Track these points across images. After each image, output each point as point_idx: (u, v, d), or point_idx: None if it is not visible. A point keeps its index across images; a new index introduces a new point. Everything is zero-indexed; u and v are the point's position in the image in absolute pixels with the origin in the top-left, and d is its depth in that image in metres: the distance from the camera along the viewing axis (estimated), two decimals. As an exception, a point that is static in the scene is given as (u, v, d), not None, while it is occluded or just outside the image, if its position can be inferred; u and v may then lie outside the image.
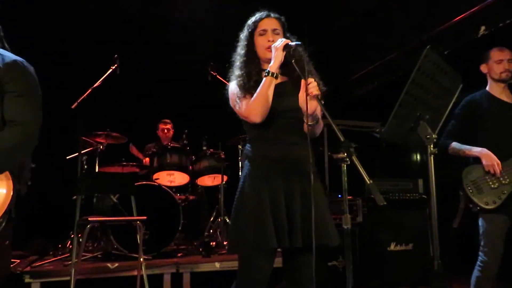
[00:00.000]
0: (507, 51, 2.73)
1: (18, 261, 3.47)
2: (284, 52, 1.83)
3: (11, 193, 1.59)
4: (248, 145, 1.95)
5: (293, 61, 1.85)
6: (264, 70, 1.89)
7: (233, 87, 1.92)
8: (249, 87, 1.85)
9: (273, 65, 1.82)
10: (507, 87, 2.77)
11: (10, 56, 1.73)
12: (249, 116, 1.81)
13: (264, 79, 1.81)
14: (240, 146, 4.44)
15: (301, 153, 1.85)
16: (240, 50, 1.96)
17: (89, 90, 3.83)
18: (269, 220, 1.73)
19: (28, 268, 3.10)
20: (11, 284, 2.87)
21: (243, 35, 1.97)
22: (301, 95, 1.80)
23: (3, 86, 1.67)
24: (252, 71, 1.90)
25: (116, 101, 4.88)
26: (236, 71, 1.93)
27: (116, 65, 4.05)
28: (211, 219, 4.51)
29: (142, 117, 5.10)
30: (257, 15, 1.96)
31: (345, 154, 1.62)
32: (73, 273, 2.73)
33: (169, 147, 4.28)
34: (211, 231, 4.33)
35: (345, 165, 1.70)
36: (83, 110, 3.75)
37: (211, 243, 3.93)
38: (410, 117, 1.94)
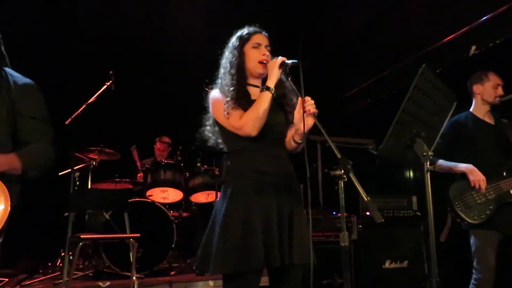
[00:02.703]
0: (499, 77, 2.87)
1: (7, 279, 3.39)
2: (281, 70, 1.86)
3: (9, 209, 1.57)
4: (230, 158, 1.87)
5: (289, 78, 1.89)
6: (250, 84, 1.91)
7: (218, 96, 1.86)
8: (238, 98, 1.83)
9: (271, 82, 1.82)
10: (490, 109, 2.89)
11: (21, 78, 1.76)
12: (243, 128, 1.77)
13: (262, 93, 1.81)
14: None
15: (288, 169, 1.88)
16: (230, 59, 1.91)
17: (84, 106, 3.83)
18: (260, 239, 1.69)
19: (17, 287, 3.03)
20: (0, 303, 2.80)
21: (233, 45, 1.93)
22: (297, 112, 1.82)
23: (16, 107, 1.69)
24: (241, 82, 1.88)
25: (110, 117, 4.86)
26: (224, 81, 1.89)
27: (111, 81, 4.06)
28: (205, 236, 4.45)
29: (136, 133, 5.07)
30: (250, 28, 1.96)
31: (342, 171, 1.62)
32: (63, 292, 2.68)
33: (163, 163, 4.25)
34: (205, 248, 4.27)
35: (342, 182, 1.69)
36: (76, 125, 3.73)
37: (205, 261, 3.86)
38: (406, 134, 1.95)
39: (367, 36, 4.95)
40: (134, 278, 2.89)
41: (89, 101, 3.87)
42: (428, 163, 1.90)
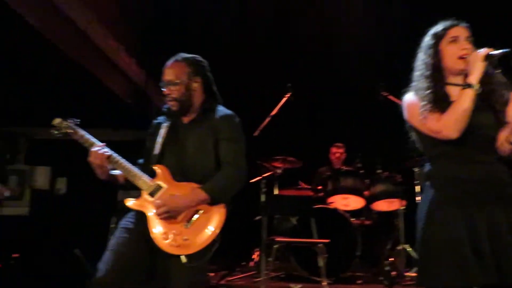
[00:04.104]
0: None
1: (213, 274, 3.85)
2: (485, 63, 1.66)
3: (224, 220, 1.91)
4: (429, 163, 1.77)
5: (498, 71, 1.68)
6: (449, 83, 1.74)
7: (413, 99, 1.77)
8: (436, 101, 1.69)
9: (473, 77, 1.64)
10: None
11: (224, 110, 2.10)
12: (442, 131, 1.63)
13: (462, 91, 1.64)
14: (416, 169, 4.14)
15: (498, 176, 1.65)
16: (424, 60, 1.78)
17: (268, 118, 4.16)
18: (468, 253, 1.53)
19: (223, 282, 3.42)
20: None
21: (427, 44, 1.80)
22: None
23: (219, 134, 2.01)
24: (439, 83, 1.74)
25: (291, 127, 5.14)
26: (419, 83, 1.77)
27: (290, 93, 4.33)
28: (388, 246, 4.28)
29: (316, 141, 5.23)
30: (446, 23, 1.79)
31: None
32: (262, 290, 2.90)
33: (342, 170, 4.27)
34: (391, 259, 4.09)
35: None
36: (263, 136, 4.07)
37: (392, 273, 3.70)
38: None
39: None
40: (324, 283, 2.95)
41: (272, 113, 4.20)
42: None
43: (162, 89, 2.06)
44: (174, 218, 1.89)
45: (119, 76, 4.65)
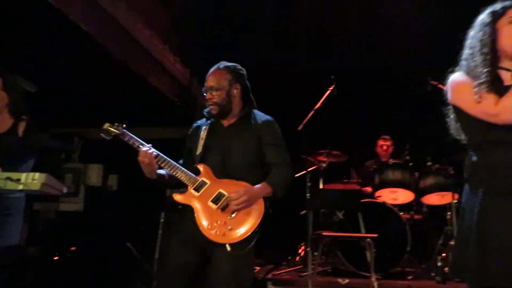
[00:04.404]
0: None
1: (258, 268, 3.89)
2: None
3: (263, 212, 2.01)
4: (476, 151, 1.64)
5: None
6: (500, 66, 1.64)
7: (463, 78, 1.66)
8: (492, 82, 1.59)
9: None
10: None
11: (262, 115, 2.25)
12: (500, 115, 1.53)
13: None
14: (469, 162, 3.95)
15: None
16: (479, 38, 1.67)
17: (312, 112, 4.10)
18: None
19: (269, 275, 3.44)
20: (257, 288, 3.22)
21: (483, 22, 1.69)
22: None
23: (262, 138, 2.16)
24: (493, 64, 1.63)
25: (335, 120, 5.06)
26: (473, 62, 1.66)
27: (333, 86, 4.25)
28: (440, 241, 4.11)
29: (361, 134, 5.12)
30: (506, 3, 1.67)
31: None
32: (310, 285, 2.89)
33: (390, 163, 4.15)
34: (443, 254, 3.93)
35: None
36: (307, 130, 4.03)
37: (445, 269, 3.56)
38: None
39: None
40: (373, 278, 2.89)
41: (316, 107, 4.14)
42: None
43: (204, 94, 2.19)
44: (249, 207, 1.99)
45: (165, 76, 4.76)
